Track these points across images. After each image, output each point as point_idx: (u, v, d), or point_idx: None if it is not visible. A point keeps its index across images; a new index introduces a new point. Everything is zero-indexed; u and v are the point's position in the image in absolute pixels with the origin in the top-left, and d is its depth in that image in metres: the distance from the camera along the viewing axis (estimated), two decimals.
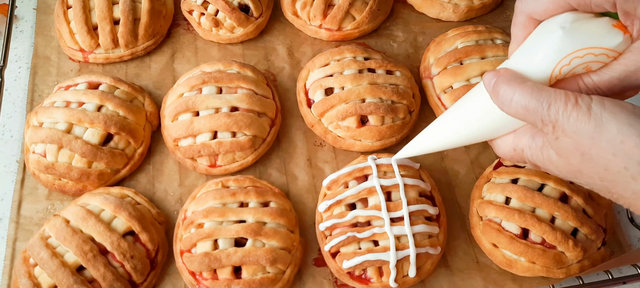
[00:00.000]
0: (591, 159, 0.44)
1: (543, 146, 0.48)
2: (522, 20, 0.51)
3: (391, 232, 0.65)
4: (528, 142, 0.50)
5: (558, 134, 0.44)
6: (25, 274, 0.64)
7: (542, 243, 0.66)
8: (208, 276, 0.65)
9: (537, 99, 0.45)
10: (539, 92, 0.45)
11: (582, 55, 0.46)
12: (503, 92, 0.47)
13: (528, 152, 0.50)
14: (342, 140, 0.78)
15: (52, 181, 0.73)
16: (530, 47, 0.49)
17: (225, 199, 0.68)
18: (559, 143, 0.45)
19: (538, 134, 0.49)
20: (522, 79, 0.47)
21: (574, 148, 0.44)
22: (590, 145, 0.43)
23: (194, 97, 0.75)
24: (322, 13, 0.86)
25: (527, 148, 0.50)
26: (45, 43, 0.88)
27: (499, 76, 0.48)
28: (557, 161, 0.47)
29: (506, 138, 0.52)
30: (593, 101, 0.43)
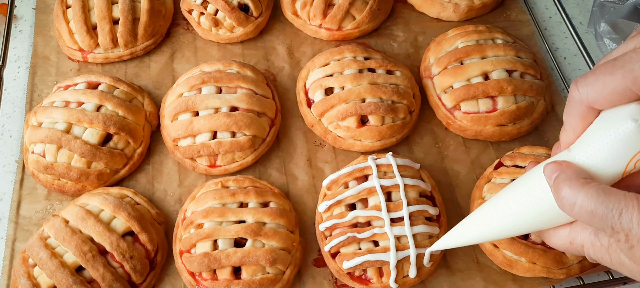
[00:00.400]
0: None
1: (610, 247, 0.44)
2: (579, 110, 0.46)
3: (391, 232, 0.65)
4: (590, 238, 0.45)
5: (633, 243, 0.40)
6: (24, 274, 0.63)
7: (542, 244, 0.66)
8: (207, 276, 0.65)
9: (605, 206, 0.41)
10: (607, 197, 0.41)
11: None
12: (565, 194, 0.43)
13: (590, 250, 0.46)
14: (342, 140, 0.78)
15: (51, 181, 0.73)
16: (596, 140, 0.45)
17: (225, 199, 0.68)
18: (634, 252, 0.40)
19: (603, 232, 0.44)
20: (586, 179, 0.43)
21: None
22: None
23: (193, 97, 0.74)
24: (322, 12, 0.86)
25: (588, 244, 0.46)
26: (44, 43, 0.88)
27: (561, 171, 0.44)
28: (631, 266, 0.42)
29: (560, 230, 0.48)
30: None
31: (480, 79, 0.77)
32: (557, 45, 0.93)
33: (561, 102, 0.85)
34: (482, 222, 0.51)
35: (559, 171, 0.44)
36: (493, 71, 0.77)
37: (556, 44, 0.93)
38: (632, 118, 0.42)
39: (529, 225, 0.49)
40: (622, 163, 0.43)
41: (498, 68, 0.77)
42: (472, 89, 0.76)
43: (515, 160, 0.72)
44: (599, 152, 0.44)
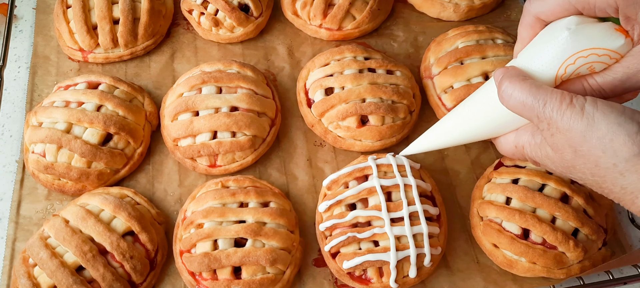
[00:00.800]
0: (583, 155, 0.47)
1: (541, 143, 0.51)
2: (529, 21, 0.53)
3: (391, 232, 0.65)
4: (528, 139, 0.53)
5: (553, 130, 0.47)
6: (24, 274, 0.63)
7: (542, 244, 0.66)
8: (208, 276, 0.65)
9: (534, 97, 0.48)
10: (537, 90, 0.48)
11: (586, 55, 0.48)
12: (505, 88, 0.50)
13: (528, 149, 0.53)
14: (342, 140, 0.78)
15: (52, 181, 0.73)
16: (537, 46, 0.51)
17: (225, 199, 0.68)
18: (554, 139, 0.48)
19: (537, 131, 0.52)
20: (525, 76, 0.50)
21: (567, 144, 0.47)
22: (582, 142, 0.46)
23: (193, 97, 0.74)
24: (322, 12, 0.86)
25: (527, 145, 0.53)
26: (44, 43, 0.88)
27: (505, 72, 0.51)
28: (553, 156, 0.50)
29: (508, 136, 0.55)
30: (586, 101, 0.46)
31: (480, 79, 0.78)
32: None
33: None
34: (447, 128, 0.59)
35: (504, 73, 0.51)
36: (493, 71, 0.77)
37: None
38: (567, 27, 0.49)
39: (484, 131, 0.56)
40: (554, 68, 0.49)
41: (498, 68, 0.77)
42: (473, 89, 0.76)
43: (515, 160, 0.72)
44: (537, 56, 0.50)
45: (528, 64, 0.51)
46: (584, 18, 0.49)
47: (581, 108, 0.46)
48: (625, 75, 0.48)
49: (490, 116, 0.55)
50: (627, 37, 0.47)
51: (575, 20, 0.49)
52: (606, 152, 0.45)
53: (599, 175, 0.47)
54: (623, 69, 0.48)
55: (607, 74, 0.49)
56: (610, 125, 0.45)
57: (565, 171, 0.50)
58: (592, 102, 0.46)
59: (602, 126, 0.45)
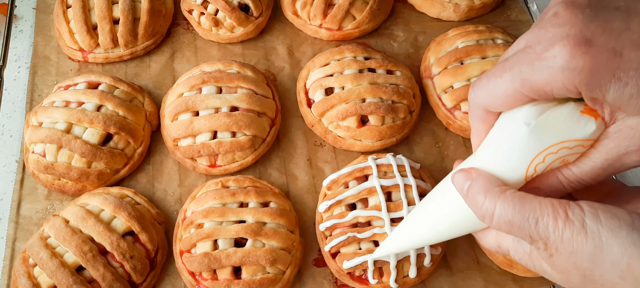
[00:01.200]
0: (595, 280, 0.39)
1: (531, 254, 0.43)
2: (478, 114, 0.46)
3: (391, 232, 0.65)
4: (513, 244, 0.45)
5: (552, 251, 0.40)
6: (24, 274, 0.63)
7: None
8: (208, 276, 0.65)
9: (521, 215, 0.40)
10: (523, 205, 0.40)
11: (556, 151, 0.42)
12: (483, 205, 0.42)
13: (514, 255, 0.46)
14: (342, 140, 0.78)
15: (52, 181, 0.73)
16: (497, 144, 0.44)
17: (225, 199, 0.68)
18: (554, 260, 0.40)
19: None
20: (500, 186, 0.42)
21: (572, 268, 0.40)
22: (592, 268, 0.39)
23: (193, 97, 0.74)
24: (322, 12, 0.86)
25: (513, 251, 0.46)
26: (44, 42, 0.88)
27: (472, 180, 0.44)
28: (553, 274, 0.42)
29: (489, 233, 0.48)
30: (586, 215, 0.39)
31: None
32: None
33: None
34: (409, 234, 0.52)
35: (469, 180, 0.44)
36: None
37: None
38: (525, 122, 0.41)
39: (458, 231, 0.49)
40: (522, 168, 0.42)
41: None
42: None
43: None
44: (499, 155, 0.43)
45: (491, 165, 0.44)
46: (541, 105, 0.42)
47: (582, 225, 0.38)
48: (606, 162, 0.42)
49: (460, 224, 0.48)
50: (597, 118, 0.41)
51: (533, 111, 0.42)
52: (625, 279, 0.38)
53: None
54: (602, 156, 0.42)
55: (584, 164, 0.43)
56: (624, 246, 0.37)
57: None
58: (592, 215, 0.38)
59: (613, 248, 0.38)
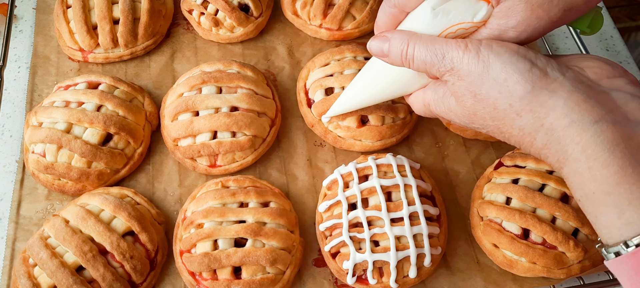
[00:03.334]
0: (482, 99, 0.47)
1: (444, 95, 0.52)
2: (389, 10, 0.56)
3: (391, 232, 0.65)
4: (432, 94, 0.54)
5: (454, 79, 0.49)
6: (24, 274, 0.63)
7: (542, 244, 0.66)
8: (208, 276, 0.65)
9: (433, 52, 0.49)
10: (433, 45, 0.49)
11: (454, 31, 0.51)
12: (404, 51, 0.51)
13: (433, 105, 0.55)
14: (342, 140, 0.78)
15: (52, 181, 0.73)
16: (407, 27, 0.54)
17: (225, 199, 0.68)
18: (455, 87, 0.49)
19: (439, 84, 0.53)
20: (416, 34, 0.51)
21: (467, 90, 0.48)
22: (480, 85, 0.47)
23: (193, 97, 0.74)
24: (322, 12, 0.86)
25: (432, 101, 0.54)
26: (44, 43, 0.88)
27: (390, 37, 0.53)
28: (455, 107, 0.51)
29: (417, 94, 0.58)
30: (482, 45, 0.47)
31: None
32: (558, 46, 0.93)
33: None
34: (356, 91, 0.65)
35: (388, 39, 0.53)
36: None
37: (556, 44, 0.93)
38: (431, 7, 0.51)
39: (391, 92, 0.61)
40: None
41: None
42: None
43: (515, 160, 0.72)
44: None
45: None
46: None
47: (477, 51, 0.47)
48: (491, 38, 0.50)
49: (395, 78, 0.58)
50: (488, 3, 0.50)
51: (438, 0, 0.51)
52: (502, 92, 0.46)
53: (498, 119, 0.47)
54: (487, 32, 0.50)
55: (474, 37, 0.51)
56: (503, 64, 0.46)
57: (467, 120, 0.51)
58: (487, 44, 0.47)
59: (496, 66, 0.46)
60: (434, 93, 0.54)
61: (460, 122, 0.52)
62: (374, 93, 0.63)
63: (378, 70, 0.61)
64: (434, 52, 0.49)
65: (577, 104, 0.44)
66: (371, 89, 0.63)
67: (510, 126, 0.47)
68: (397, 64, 0.53)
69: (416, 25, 0.53)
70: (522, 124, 0.46)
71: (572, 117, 0.44)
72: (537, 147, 0.47)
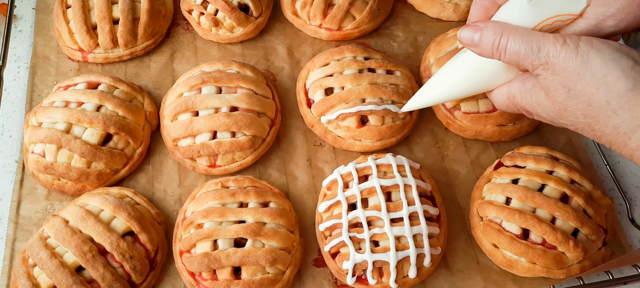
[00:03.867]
0: (576, 95, 0.46)
1: (532, 88, 0.51)
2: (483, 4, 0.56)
3: (391, 232, 0.65)
4: (518, 87, 0.54)
5: (548, 74, 0.48)
6: (24, 274, 0.63)
7: (542, 244, 0.66)
8: (207, 276, 0.65)
9: (528, 44, 0.48)
10: (529, 37, 0.48)
11: (551, 23, 0.51)
12: (495, 41, 0.51)
13: (518, 98, 0.54)
14: (342, 140, 0.78)
15: (51, 181, 0.73)
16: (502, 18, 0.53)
17: (225, 199, 0.68)
18: (547, 82, 0.48)
19: (528, 77, 0.52)
20: (510, 25, 0.50)
21: (560, 85, 0.47)
22: (576, 80, 0.46)
23: (193, 97, 0.74)
24: (322, 12, 0.86)
25: (518, 93, 0.54)
26: (44, 43, 0.88)
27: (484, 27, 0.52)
28: (545, 102, 0.50)
29: (501, 88, 0.57)
30: (581, 40, 0.46)
31: None
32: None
33: None
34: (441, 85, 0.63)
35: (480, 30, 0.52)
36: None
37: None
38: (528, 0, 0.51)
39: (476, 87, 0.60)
40: None
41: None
42: None
43: (515, 160, 0.72)
44: None
45: None
46: None
47: (575, 46, 0.46)
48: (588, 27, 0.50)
49: (478, 74, 0.57)
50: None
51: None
52: (599, 88, 0.45)
53: (591, 116, 0.46)
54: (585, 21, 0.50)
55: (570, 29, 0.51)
56: (604, 61, 0.45)
57: (556, 116, 0.50)
58: (587, 40, 0.46)
59: (596, 62, 0.45)
60: (522, 85, 0.53)
61: (547, 117, 0.51)
62: (458, 87, 0.61)
63: (466, 64, 0.59)
64: (529, 44, 0.48)
65: None
66: (455, 82, 0.60)
67: (603, 124, 0.46)
68: (486, 55, 0.52)
69: (511, 16, 0.52)
70: (618, 123, 0.45)
71: None
72: (631, 148, 0.46)
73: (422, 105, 0.66)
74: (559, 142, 0.81)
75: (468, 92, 0.61)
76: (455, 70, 0.60)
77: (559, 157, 0.73)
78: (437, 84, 0.63)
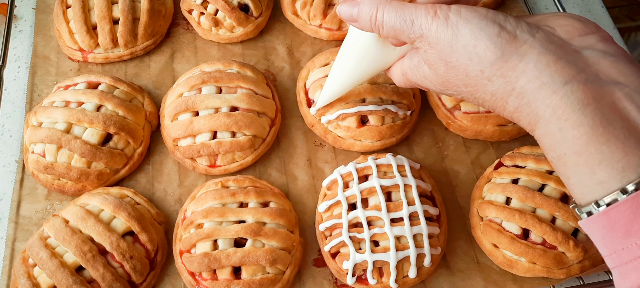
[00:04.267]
0: (453, 66, 0.47)
1: (418, 63, 0.52)
2: None
3: (391, 232, 0.65)
4: (408, 63, 0.54)
5: (425, 47, 0.48)
6: (24, 274, 0.63)
7: (542, 244, 0.66)
8: (207, 276, 0.65)
9: (402, 18, 0.48)
10: (402, 10, 0.48)
11: None
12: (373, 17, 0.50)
13: (410, 73, 0.54)
14: (342, 140, 0.78)
15: (51, 181, 0.73)
16: None
17: (225, 199, 0.68)
18: (427, 55, 0.49)
19: (414, 52, 0.53)
20: None
21: (438, 58, 0.48)
22: (450, 53, 0.46)
23: (193, 97, 0.74)
24: (322, 12, 0.86)
25: (408, 69, 0.54)
26: (44, 43, 0.88)
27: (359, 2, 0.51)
28: (429, 74, 0.51)
29: (396, 65, 0.57)
30: (451, 11, 0.46)
31: None
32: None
33: None
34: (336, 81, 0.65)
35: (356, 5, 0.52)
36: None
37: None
38: None
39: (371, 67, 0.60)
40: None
41: None
42: None
43: (515, 160, 0.72)
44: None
45: None
46: None
47: (445, 18, 0.46)
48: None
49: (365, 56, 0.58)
50: None
51: None
52: (472, 59, 0.45)
53: (471, 85, 0.47)
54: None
55: None
56: (472, 31, 0.45)
57: (441, 87, 0.51)
58: (455, 10, 0.46)
59: (465, 33, 0.45)
60: (410, 61, 0.54)
61: (436, 89, 0.52)
62: (354, 71, 0.62)
63: (350, 50, 0.60)
64: (403, 17, 0.48)
65: (548, 66, 0.44)
66: (350, 67, 0.61)
67: (482, 91, 0.47)
68: (366, 30, 0.53)
69: None
70: (494, 89, 0.46)
71: (542, 79, 0.44)
72: (510, 111, 0.47)
73: (331, 99, 0.67)
74: None
75: (362, 75, 0.61)
76: (343, 59, 0.62)
77: None
78: (334, 76, 0.65)
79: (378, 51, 0.57)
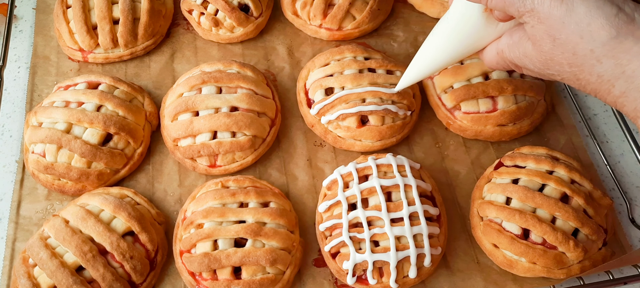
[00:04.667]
0: (561, 44, 0.46)
1: (520, 40, 0.52)
2: None
3: (391, 232, 0.65)
4: (506, 40, 0.54)
5: (533, 22, 0.48)
6: (24, 274, 0.63)
7: (542, 244, 0.66)
8: (208, 276, 0.65)
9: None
10: None
11: None
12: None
13: (507, 51, 0.54)
14: (342, 140, 0.78)
15: (52, 181, 0.73)
16: None
17: (225, 199, 0.68)
18: (534, 30, 0.48)
19: (516, 30, 0.53)
20: None
21: (546, 34, 0.47)
22: (561, 29, 0.46)
23: (193, 97, 0.74)
24: (322, 12, 0.86)
25: (506, 47, 0.54)
26: (44, 43, 0.88)
27: None
28: (531, 52, 0.50)
29: (491, 46, 0.57)
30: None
31: (480, 79, 0.77)
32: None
33: (561, 102, 0.85)
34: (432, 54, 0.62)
35: None
36: (493, 71, 0.77)
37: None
38: None
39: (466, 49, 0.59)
40: None
41: None
42: (472, 88, 0.76)
43: (515, 160, 0.72)
44: None
45: None
46: None
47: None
48: None
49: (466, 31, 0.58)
50: None
51: None
52: (584, 36, 0.45)
53: (576, 65, 0.46)
54: None
55: None
56: (589, 8, 0.44)
57: (543, 66, 0.50)
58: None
59: (580, 10, 0.44)
60: (510, 38, 0.53)
61: (535, 69, 0.51)
62: (446, 51, 0.61)
63: (449, 25, 0.60)
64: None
65: None
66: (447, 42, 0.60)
67: (588, 72, 0.46)
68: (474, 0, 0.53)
69: None
70: (602, 71, 0.45)
71: None
72: (614, 95, 0.46)
73: (416, 78, 0.65)
74: (559, 142, 0.81)
75: (456, 54, 0.60)
76: (439, 35, 0.61)
77: (559, 157, 0.73)
78: (425, 53, 0.63)
79: (479, 26, 0.57)
